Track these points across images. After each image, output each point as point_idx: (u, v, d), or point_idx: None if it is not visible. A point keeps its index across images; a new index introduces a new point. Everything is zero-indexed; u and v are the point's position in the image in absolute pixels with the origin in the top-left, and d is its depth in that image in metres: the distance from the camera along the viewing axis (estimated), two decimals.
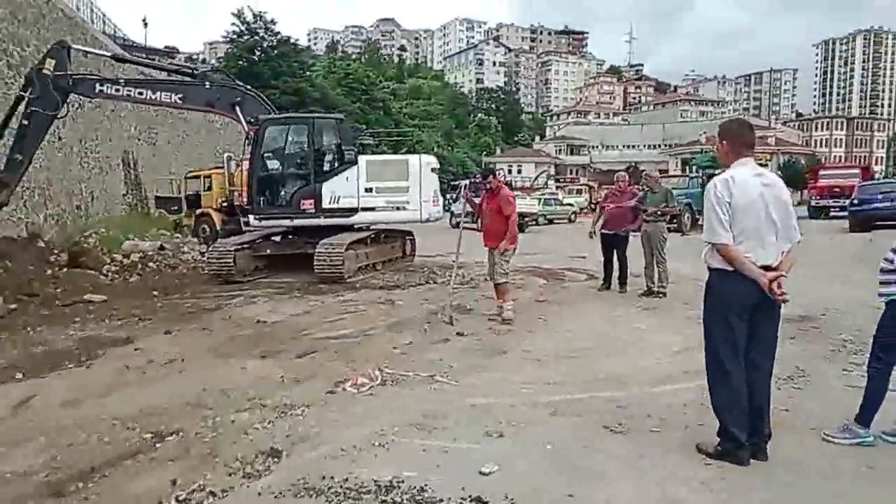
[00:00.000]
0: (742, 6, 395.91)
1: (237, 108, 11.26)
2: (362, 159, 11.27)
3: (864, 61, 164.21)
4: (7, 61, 13.83)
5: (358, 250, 10.98)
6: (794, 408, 4.23)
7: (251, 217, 11.25)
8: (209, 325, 7.41)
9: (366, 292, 9.44)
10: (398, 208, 11.23)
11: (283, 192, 11.18)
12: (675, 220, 20.87)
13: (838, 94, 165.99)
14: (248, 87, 12.31)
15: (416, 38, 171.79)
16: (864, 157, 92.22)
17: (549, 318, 7.45)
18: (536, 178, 61.89)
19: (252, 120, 10.98)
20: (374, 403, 4.46)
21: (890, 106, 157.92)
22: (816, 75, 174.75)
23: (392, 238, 12.65)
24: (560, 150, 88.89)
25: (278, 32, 60.53)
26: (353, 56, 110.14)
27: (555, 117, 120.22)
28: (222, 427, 4.03)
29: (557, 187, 57.97)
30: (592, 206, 42.00)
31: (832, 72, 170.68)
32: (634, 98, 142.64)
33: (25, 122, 10.42)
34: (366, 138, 12.81)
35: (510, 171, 75.74)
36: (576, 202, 40.07)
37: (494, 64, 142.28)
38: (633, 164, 61.88)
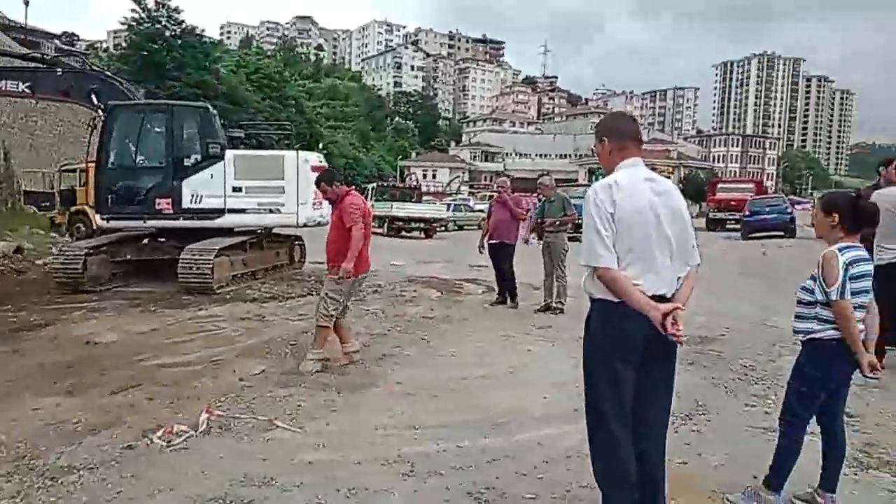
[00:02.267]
0: (649, 27, 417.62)
1: (94, 97, 9.88)
2: (229, 154, 9.90)
3: (757, 83, 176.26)
4: None
5: (233, 257, 9.77)
6: (694, 460, 3.58)
7: (97, 217, 9.79)
8: (24, 346, 6.14)
9: (234, 305, 8.31)
10: (272, 211, 9.99)
11: (134, 189, 9.70)
12: (579, 230, 20.86)
13: (734, 113, 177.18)
14: (108, 73, 10.91)
15: (335, 38, 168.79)
16: (757, 173, 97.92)
17: (434, 339, 6.63)
18: (449, 184, 61.67)
19: (103, 107, 9.62)
20: (183, 463, 3.47)
21: (780, 126, 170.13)
22: (715, 94, 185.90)
23: (276, 243, 11.50)
24: (475, 156, 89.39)
25: (182, 21, 57.21)
26: (269, 53, 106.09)
27: (471, 124, 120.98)
28: None
29: (470, 193, 57.99)
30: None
31: (729, 92, 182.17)
32: (548, 108, 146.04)
33: None
34: (235, 130, 11.37)
35: (425, 176, 75.32)
36: (486, 209, 39.87)
37: (413, 68, 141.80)
38: (545, 171, 62.83)
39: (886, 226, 5.31)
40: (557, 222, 8.45)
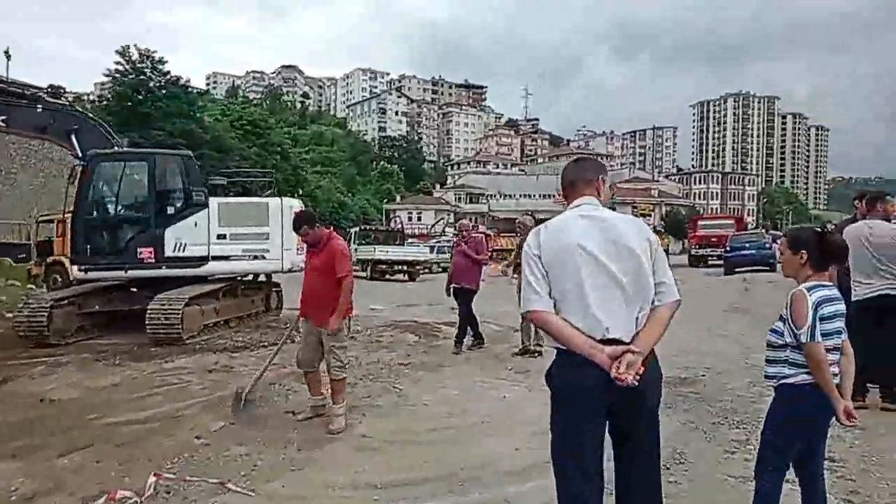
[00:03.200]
0: (627, 68, 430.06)
1: (73, 138, 9.80)
2: (213, 202, 9.94)
3: (735, 122, 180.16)
4: None
5: (204, 305, 9.53)
6: None
7: (74, 268, 9.55)
8: None
9: (203, 356, 8.03)
10: (256, 257, 10.04)
11: (115, 239, 9.65)
12: None
13: (713, 151, 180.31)
14: (91, 115, 10.87)
15: (320, 86, 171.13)
16: (738, 209, 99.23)
17: (407, 387, 6.40)
18: (434, 226, 61.81)
19: (81, 155, 9.55)
20: None
21: (758, 163, 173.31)
22: (693, 133, 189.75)
23: (252, 290, 11.27)
24: (460, 198, 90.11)
25: (167, 72, 57.71)
26: (255, 101, 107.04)
27: (455, 166, 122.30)
28: None
29: (454, 235, 58.09)
30: (489, 253, 42.17)
31: (707, 130, 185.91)
32: (531, 150, 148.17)
33: None
34: (216, 178, 11.57)
35: (410, 218, 75.71)
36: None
37: (397, 113, 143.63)
38: (529, 212, 63.24)
39: (858, 261, 5.24)
40: None
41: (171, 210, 9.77)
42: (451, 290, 8.81)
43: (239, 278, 10.86)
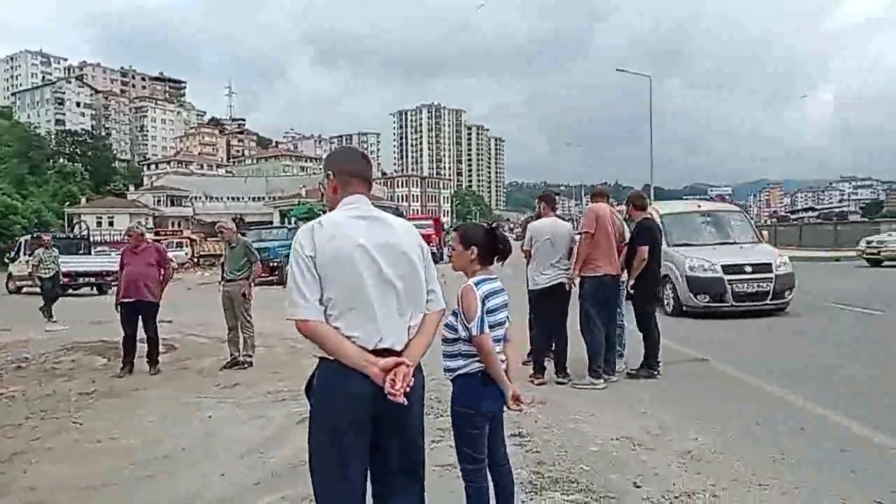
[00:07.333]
0: (332, 74, 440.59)
1: None
2: None
3: (429, 130, 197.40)
4: None
5: None
6: None
7: None
8: None
9: None
10: None
11: None
12: (275, 273, 20.35)
13: (412, 157, 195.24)
14: None
15: None
16: (435, 209, 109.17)
17: (90, 420, 5.48)
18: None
19: None
20: None
21: (450, 168, 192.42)
22: (395, 139, 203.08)
23: None
24: (160, 200, 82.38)
25: None
26: None
27: (153, 166, 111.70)
28: None
29: (155, 240, 52.94)
30: (195, 259, 39.21)
31: (406, 137, 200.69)
32: (238, 151, 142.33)
33: None
34: None
35: (100, 224, 67.24)
36: (175, 256, 36.76)
37: (79, 105, 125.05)
38: (238, 216, 60.60)
39: (542, 254, 6.05)
40: (244, 266, 7.89)
41: None
42: (125, 306, 7.52)
43: None
